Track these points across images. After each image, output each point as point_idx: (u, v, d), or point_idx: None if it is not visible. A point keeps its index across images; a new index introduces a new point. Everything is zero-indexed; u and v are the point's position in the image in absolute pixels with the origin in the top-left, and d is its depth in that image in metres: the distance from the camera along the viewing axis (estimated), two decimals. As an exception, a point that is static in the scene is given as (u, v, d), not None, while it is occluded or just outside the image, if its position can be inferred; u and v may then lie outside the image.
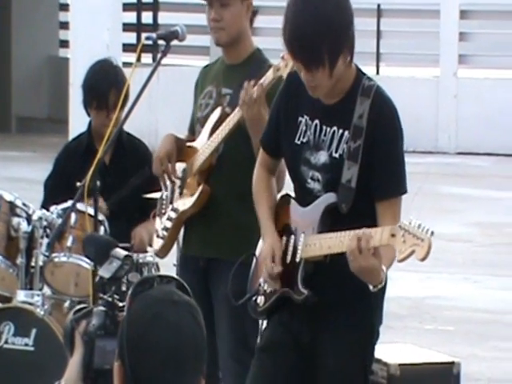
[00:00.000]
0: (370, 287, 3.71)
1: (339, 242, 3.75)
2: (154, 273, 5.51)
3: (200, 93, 4.88)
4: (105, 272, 4.24)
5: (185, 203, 4.78)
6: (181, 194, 4.83)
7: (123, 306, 4.54)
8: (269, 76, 4.46)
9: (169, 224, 4.83)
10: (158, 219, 4.93)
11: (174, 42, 4.73)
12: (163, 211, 4.90)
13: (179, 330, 2.56)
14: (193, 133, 4.88)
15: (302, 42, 3.81)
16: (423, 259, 3.57)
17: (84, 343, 4.04)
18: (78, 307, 4.52)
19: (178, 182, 4.84)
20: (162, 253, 4.96)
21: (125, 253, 4.26)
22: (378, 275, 3.68)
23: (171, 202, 4.86)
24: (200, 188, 4.73)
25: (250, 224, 4.40)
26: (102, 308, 4.21)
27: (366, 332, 3.95)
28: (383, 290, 3.97)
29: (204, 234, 4.76)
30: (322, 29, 3.78)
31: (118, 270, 4.20)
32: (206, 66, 5.10)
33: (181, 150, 4.82)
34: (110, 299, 4.16)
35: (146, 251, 5.56)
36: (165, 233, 4.84)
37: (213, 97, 4.80)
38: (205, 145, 4.73)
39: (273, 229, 4.01)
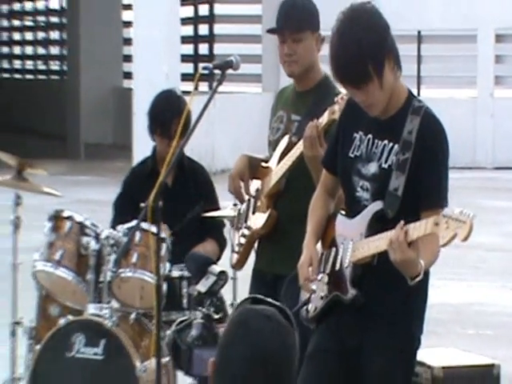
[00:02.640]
0: (408, 280, 3.70)
1: (385, 239, 3.76)
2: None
3: (274, 115, 4.89)
4: (202, 287, 4.29)
5: (256, 223, 4.80)
6: (253, 212, 4.85)
7: (219, 318, 4.58)
8: (325, 117, 4.45)
9: (243, 240, 4.86)
10: (235, 233, 4.95)
11: (229, 71, 4.74)
12: (239, 225, 4.93)
13: (262, 335, 2.57)
14: (268, 153, 4.87)
15: (347, 68, 3.82)
16: (465, 239, 3.55)
17: (182, 351, 4.09)
18: (180, 319, 4.56)
19: (252, 200, 4.86)
20: (238, 266, 4.98)
21: (220, 269, 4.31)
22: (416, 267, 3.68)
23: (246, 219, 4.88)
24: (268, 212, 4.74)
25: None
26: (200, 320, 4.25)
27: (406, 340, 3.95)
28: (424, 299, 3.97)
29: (272, 252, 4.78)
30: (360, 48, 3.79)
31: (213, 285, 4.25)
32: (282, 89, 5.07)
33: (256, 168, 4.82)
34: (206, 311, 4.20)
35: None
36: (239, 248, 4.88)
37: (283, 122, 4.79)
38: (274, 171, 4.74)
39: (314, 241, 4.04)
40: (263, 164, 4.81)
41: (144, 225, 5.27)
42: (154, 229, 5.20)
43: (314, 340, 4.00)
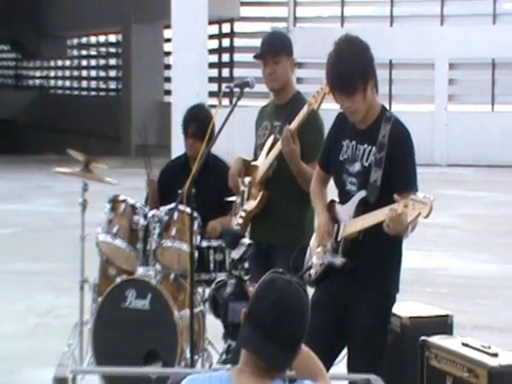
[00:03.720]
0: (404, 237, 3.75)
1: (368, 218, 3.77)
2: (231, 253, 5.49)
3: (259, 126, 4.88)
4: (235, 254, 4.29)
5: (251, 205, 4.78)
6: (247, 199, 4.83)
7: (248, 279, 4.57)
8: (304, 110, 4.47)
9: (240, 221, 4.84)
10: (233, 218, 4.94)
11: (246, 90, 4.74)
12: (236, 212, 4.91)
13: (285, 292, 2.58)
14: (256, 156, 4.88)
15: (342, 78, 3.82)
16: (427, 216, 3.54)
17: (219, 304, 4.08)
18: (218, 279, 4.57)
19: (246, 191, 4.84)
20: None
21: (249, 241, 4.31)
22: (406, 231, 3.70)
23: (242, 205, 4.87)
24: (261, 193, 4.72)
25: (297, 218, 4.42)
26: (233, 280, 4.24)
27: (384, 297, 3.94)
28: (399, 264, 3.96)
29: (265, 225, 4.76)
30: (353, 64, 3.80)
31: (244, 253, 4.25)
32: (262, 107, 5.08)
33: (247, 167, 4.82)
34: (238, 274, 4.20)
35: (215, 237, 5.54)
36: (238, 227, 4.85)
37: (267, 128, 4.80)
38: (263, 163, 4.73)
39: (325, 211, 4.02)
40: (252, 163, 4.81)
41: (181, 206, 5.27)
42: (188, 210, 5.20)
43: (314, 298, 3.98)
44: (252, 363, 2.54)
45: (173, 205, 5.32)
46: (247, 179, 4.79)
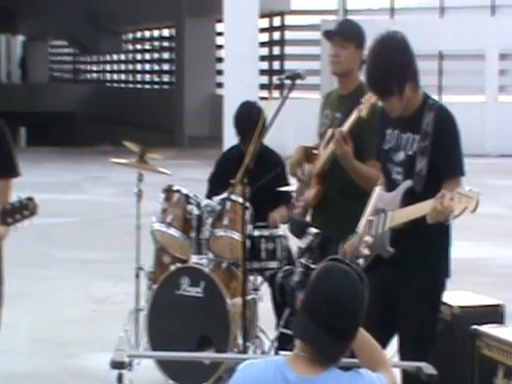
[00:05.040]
0: (446, 223, 3.70)
1: (415, 210, 3.72)
2: (283, 242, 5.49)
3: (322, 113, 4.83)
4: (302, 243, 4.28)
5: (308, 196, 4.76)
6: (307, 189, 4.82)
7: (315, 268, 4.56)
8: (354, 115, 4.43)
9: (299, 210, 4.82)
10: (294, 206, 4.92)
11: (298, 81, 4.70)
12: (297, 200, 4.90)
13: (341, 282, 2.55)
14: (318, 141, 4.82)
15: (376, 84, 3.79)
16: (474, 210, 3.48)
17: (287, 293, 4.08)
18: (285, 268, 4.57)
19: (305, 180, 4.82)
20: None
21: (316, 230, 4.30)
22: (448, 219, 3.64)
23: (301, 195, 4.85)
24: (317, 187, 4.70)
25: (352, 211, 4.39)
26: (300, 269, 4.24)
27: (434, 284, 3.90)
28: (447, 251, 3.92)
29: (321, 218, 4.74)
30: (388, 70, 3.73)
31: (310, 243, 4.23)
32: (327, 93, 5.02)
33: (309, 155, 4.77)
34: (305, 262, 4.20)
35: (277, 228, 5.56)
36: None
37: (328, 118, 4.75)
38: (321, 155, 4.71)
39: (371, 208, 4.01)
40: (314, 151, 4.78)
41: (233, 197, 5.28)
42: (240, 200, 5.21)
43: None
44: (307, 350, 2.53)
45: (225, 195, 5.34)
46: (308, 167, 4.78)
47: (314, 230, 4.30)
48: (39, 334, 6.41)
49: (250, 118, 5.41)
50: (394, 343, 3.96)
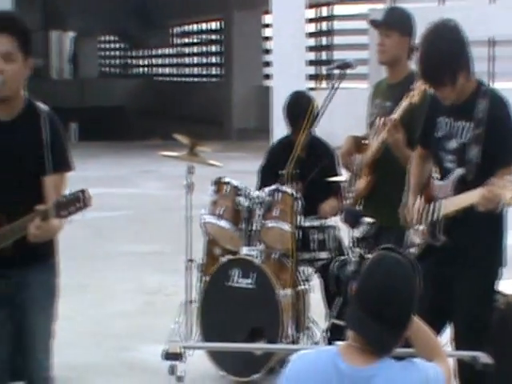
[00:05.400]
0: (497, 211, 3.65)
1: (466, 198, 3.67)
2: (333, 233, 5.47)
3: (372, 102, 4.80)
4: (357, 233, 4.27)
5: (359, 186, 4.73)
6: (357, 179, 4.78)
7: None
8: (405, 101, 4.38)
9: (350, 201, 4.79)
10: (344, 196, 4.89)
11: (348, 71, 4.68)
12: (347, 190, 4.86)
13: (393, 271, 2.53)
14: (368, 131, 4.79)
15: (429, 72, 3.74)
16: None
17: (342, 282, 4.06)
18: (340, 258, 4.55)
19: (356, 170, 4.79)
20: None
21: (370, 220, 4.28)
22: (498, 207, 3.60)
23: (351, 185, 4.82)
24: (368, 177, 4.67)
25: (402, 199, 4.33)
26: (355, 259, 4.23)
27: (488, 273, 3.85)
28: (500, 239, 3.87)
29: (373, 207, 4.70)
30: (440, 60, 3.68)
31: (365, 232, 4.22)
32: (377, 83, 4.98)
33: (359, 145, 4.75)
34: (360, 252, 4.18)
35: (327, 218, 5.53)
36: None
37: (378, 107, 4.71)
38: (372, 145, 4.67)
39: (416, 196, 3.94)
40: (363, 142, 4.73)
41: (283, 187, 5.27)
42: (290, 191, 5.20)
43: None
44: (359, 340, 2.52)
45: (275, 186, 5.33)
46: (358, 157, 4.74)
47: (368, 220, 4.27)
48: (92, 327, 6.47)
49: (300, 108, 5.40)
50: (447, 332, 3.92)
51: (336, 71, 4.76)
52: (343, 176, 5.24)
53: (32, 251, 3.68)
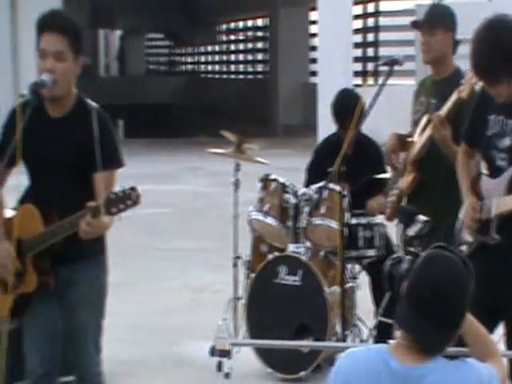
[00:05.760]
0: None
1: None
2: (380, 230, 5.43)
3: (416, 100, 4.76)
4: (411, 231, 4.24)
5: (404, 184, 4.69)
6: (402, 176, 4.75)
7: None
8: (453, 96, 4.33)
9: (393, 198, 4.75)
10: (388, 195, 4.86)
11: (395, 68, 4.64)
12: (391, 188, 4.83)
13: (445, 270, 2.50)
14: (412, 130, 4.75)
15: (484, 69, 3.63)
16: None
17: (396, 281, 4.03)
18: (394, 256, 4.51)
19: (400, 168, 4.76)
20: (390, 218, 4.86)
21: (424, 218, 4.24)
22: None
23: (395, 183, 4.79)
24: (413, 175, 4.62)
25: (449, 197, 4.29)
26: (409, 257, 4.20)
27: None
28: None
29: (417, 205, 4.66)
30: (496, 56, 3.58)
31: (419, 230, 4.19)
32: (421, 80, 4.95)
33: (403, 142, 4.71)
34: (414, 250, 4.16)
35: (374, 216, 5.50)
36: (391, 204, 4.77)
37: (423, 104, 4.67)
38: (417, 142, 4.63)
39: (469, 193, 3.91)
40: (408, 139, 4.70)
41: (330, 185, 5.25)
42: (337, 188, 5.18)
43: None
44: (410, 339, 2.49)
45: (323, 183, 5.32)
46: (402, 155, 4.71)
47: (422, 218, 4.23)
48: (141, 323, 6.52)
49: (348, 105, 5.37)
50: (498, 331, 3.87)
51: (383, 68, 4.73)
52: (388, 174, 5.21)
53: (82, 248, 3.72)
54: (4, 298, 3.72)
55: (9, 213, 3.82)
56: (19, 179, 3.75)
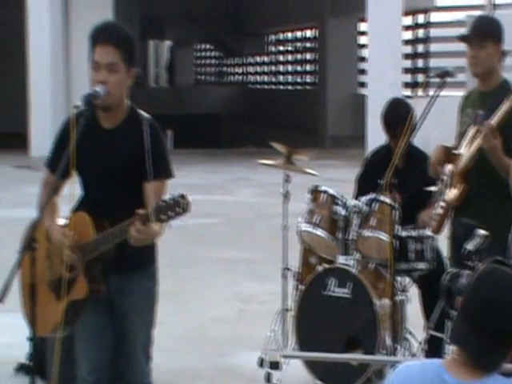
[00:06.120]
0: None
1: None
2: (431, 243, 5.37)
3: (462, 113, 4.72)
4: (470, 246, 4.19)
5: (451, 196, 4.64)
6: (448, 188, 4.70)
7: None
8: (506, 104, 4.27)
9: (440, 211, 4.70)
10: (434, 207, 4.81)
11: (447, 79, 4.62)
12: (436, 200, 4.78)
13: (502, 286, 2.45)
14: (457, 143, 4.72)
15: None
16: None
17: (453, 295, 3.99)
18: (451, 270, 4.48)
19: (446, 180, 4.71)
20: (436, 231, 4.81)
21: (484, 232, 4.18)
22: None
23: (442, 194, 4.74)
24: (461, 186, 4.58)
25: (499, 209, 4.23)
26: (467, 271, 4.16)
27: None
28: None
29: (467, 217, 4.61)
30: None
31: (479, 245, 4.14)
32: (467, 93, 4.92)
33: (449, 155, 4.67)
34: (474, 265, 4.11)
35: (425, 228, 5.45)
36: (437, 217, 4.72)
37: (470, 116, 4.64)
38: (465, 153, 4.58)
39: None
40: (454, 151, 4.64)
41: (381, 197, 5.22)
42: (388, 200, 5.14)
43: None
44: (465, 355, 2.46)
45: (373, 195, 5.28)
46: (448, 167, 4.66)
47: (482, 232, 4.17)
48: (190, 332, 6.53)
49: (398, 116, 5.34)
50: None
51: (435, 79, 4.69)
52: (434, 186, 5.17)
53: (133, 257, 3.74)
54: (56, 305, 3.75)
55: (61, 221, 3.86)
56: (73, 189, 3.79)
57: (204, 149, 19.65)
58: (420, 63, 21.02)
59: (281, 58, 31.08)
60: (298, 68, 28.75)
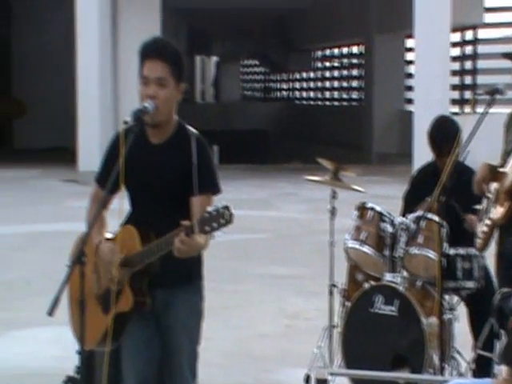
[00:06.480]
0: None
1: None
2: (479, 261, 5.30)
3: (507, 131, 4.67)
4: None
5: (496, 214, 4.57)
6: (494, 206, 4.64)
7: None
8: None
9: (485, 229, 4.64)
10: (479, 225, 4.75)
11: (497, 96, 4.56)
12: (481, 218, 4.72)
13: None
14: (503, 161, 4.65)
15: None
16: None
17: (506, 315, 3.94)
18: (503, 290, 4.42)
19: (492, 198, 4.65)
20: (481, 249, 4.74)
21: None
22: None
23: (487, 212, 4.68)
24: (507, 204, 4.51)
25: None
26: None
27: None
28: None
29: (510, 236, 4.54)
30: None
31: None
32: None
33: (494, 173, 4.62)
34: None
35: (474, 229, 5.34)
36: (483, 235, 4.66)
37: None
38: (510, 172, 4.51)
39: None
40: (500, 170, 4.58)
41: (429, 214, 5.17)
42: (436, 218, 5.09)
43: None
44: None
45: (421, 213, 5.23)
46: (494, 185, 4.61)
47: None
48: (234, 348, 6.52)
49: (445, 133, 5.29)
50: None
51: (483, 96, 4.64)
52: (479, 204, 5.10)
53: (179, 272, 3.75)
54: (103, 318, 3.77)
55: (109, 235, 3.88)
56: (122, 204, 3.81)
57: (250, 164, 19.69)
58: (468, 80, 20.88)
59: (327, 74, 31.07)
60: (344, 84, 28.71)
